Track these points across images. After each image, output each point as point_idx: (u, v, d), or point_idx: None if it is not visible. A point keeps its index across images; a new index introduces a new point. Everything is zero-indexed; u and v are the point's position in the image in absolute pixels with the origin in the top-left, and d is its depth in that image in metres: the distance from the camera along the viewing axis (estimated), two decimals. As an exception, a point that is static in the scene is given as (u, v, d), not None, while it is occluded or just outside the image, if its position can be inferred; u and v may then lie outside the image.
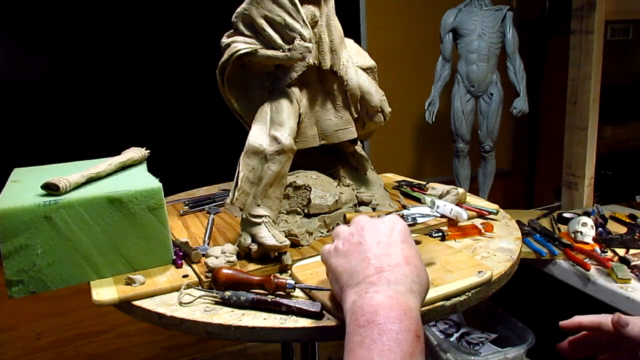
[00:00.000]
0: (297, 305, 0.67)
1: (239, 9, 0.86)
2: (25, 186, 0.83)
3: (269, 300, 0.69)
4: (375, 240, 0.61)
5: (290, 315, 0.68)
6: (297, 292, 0.73)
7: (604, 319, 0.66)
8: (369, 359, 0.48)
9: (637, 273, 1.45)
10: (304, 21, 0.84)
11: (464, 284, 0.72)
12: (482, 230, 0.95)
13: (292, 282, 0.71)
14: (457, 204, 1.04)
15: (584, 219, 1.65)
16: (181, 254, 0.85)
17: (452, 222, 0.97)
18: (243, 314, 0.69)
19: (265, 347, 2.16)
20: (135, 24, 1.80)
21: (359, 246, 0.61)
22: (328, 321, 0.66)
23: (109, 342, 1.99)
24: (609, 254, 1.56)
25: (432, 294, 0.68)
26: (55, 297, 1.83)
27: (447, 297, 0.70)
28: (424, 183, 1.22)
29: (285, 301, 0.68)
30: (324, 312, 0.68)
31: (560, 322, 0.67)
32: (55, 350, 1.91)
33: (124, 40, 1.79)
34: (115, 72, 1.80)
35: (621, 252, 1.56)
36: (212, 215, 1.09)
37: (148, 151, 1.04)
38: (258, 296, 0.70)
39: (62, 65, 1.73)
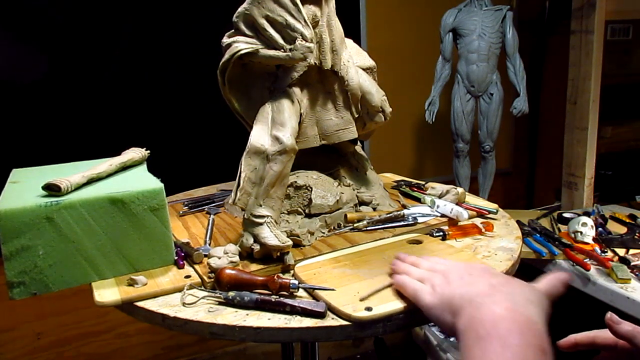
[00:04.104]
0: (301, 305, 0.67)
1: (240, 9, 0.86)
2: (26, 187, 0.83)
3: (273, 300, 0.69)
4: (466, 271, 0.61)
5: (294, 315, 0.68)
6: (301, 292, 0.73)
7: (598, 333, 0.66)
8: None
9: (637, 273, 1.45)
10: (305, 21, 0.84)
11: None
12: (483, 230, 0.95)
13: (296, 282, 0.71)
14: (456, 204, 1.04)
15: (584, 219, 1.65)
16: (183, 254, 0.84)
17: (452, 222, 0.97)
18: (247, 314, 0.69)
19: (265, 347, 2.16)
20: (135, 24, 1.79)
21: (459, 280, 0.60)
22: (332, 321, 0.66)
23: (109, 342, 1.98)
24: (609, 254, 1.56)
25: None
26: (56, 297, 1.82)
27: (450, 297, 0.70)
28: (424, 183, 1.23)
29: (289, 301, 0.68)
30: (327, 311, 0.68)
31: (557, 342, 0.68)
32: (55, 350, 1.91)
33: (124, 40, 1.79)
34: (115, 72, 1.80)
35: (621, 252, 1.56)
36: (212, 216, 1.09)
37: (148, 151, 1.04)
38: (262, 296, 0.70)
39: (62, 66, 1.72)
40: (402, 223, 0.96)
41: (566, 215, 1.88)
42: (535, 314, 0.51)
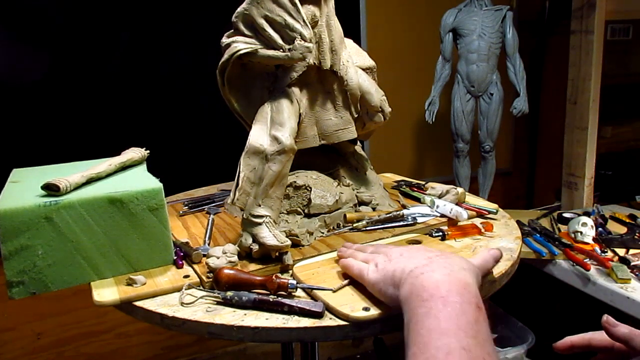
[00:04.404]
0: (299, 305, 0.67)
1: (239, 9, 0.86)
2: (25, 187, 0.83)
3: (271, 300, 0.69)
4: (406, 249, 0.67)
5: (292, 315, 0.68)
6: (299, 292, 0.73)
7: (594, 335, 0.67)
8: (437, 325, 0.49)
9: (637, 273, 1.45)
10: (304, 21, 0.84)
11: None
12: (482, 230, 0.95)
13: (294, 282, 0.71)
14: (456, 204, 1.04)
15: (584, 219, 1.65)
16: (182, 254, 0.84)
17: (452, 222, 0.97)
18: (245, 314, 0.69)
19: (265, 347, 2.16)
20: (135, 24, 1.79)
21: (399, 257, 0.65)
22: (330, 321, 0.66)
23: (109, 342, 1.98)
24: (609, 254, 1.56)
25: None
26: (56, 297, 1.82)
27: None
28: (423, 183, 1.23)
29: (287, 301, 0.68)
30: (325, 311, 0.68)
31: (554, 344, 0.69)
32: (55, 350, 1.91)
33: (123, 40, 1.79)
34: (115, 72, 1.80)
35: (621, 252, 1.56)
36: (211, 216, 1.09)
37: (148, 151, 1.04)
38: (260, 296, 0.70)
39: (62, 66, 1.73)
40: (401, 223, 0.96)
41: (566, 215, 1.88)
42: (470, 278, 0.57)
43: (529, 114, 2.08)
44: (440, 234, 0.93)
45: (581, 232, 1.61)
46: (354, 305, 0.67)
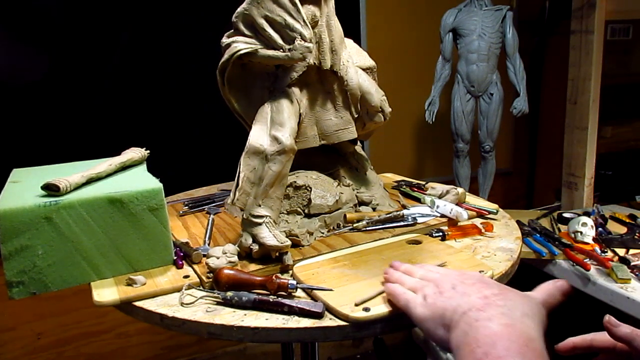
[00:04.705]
0: (299, 306, 0.67)
1: (239, 9, 0.86)
2: (25, 187, 0.83)
3: (271, 300, 0.69)
4: (459, 280, 0.58)
5: (292, 316, 0.68)
6: (299, 293, 0.73)
7: (596, 336, 0.66)
8: None
9: (637, 273, 1.45)
10: (304, 21, 0.84)
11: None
12: (482, 230, 0.95)
13: (294, 282, 0.71)
14: (456, 204, 1.04)
15: (584, 219, 1.65)
16: (182, 254, 0.84)
17: (452, 222, 0.97)
18: (245, 315, 0.69)
19: (265, 347, 2.16)
20: (135, 24, 1.79)
21: (451, 290, 0.57)
22: (330, 321, 0.66)
23: (109, 342, 1.98)
24: (609, 254, 1.56)
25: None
26: (56, 297, 1.82)
27: (448, 298, 0.70)
28: (424, 183, 1.22)
29: (287, 301, 0.68)
30: (325, 311, 0.68)
31: (555, 346, 0.68)
32: (55, 350, 1.91)
33: (123, 40, 1.79)
34: (115, 72, 1.80)
35: (621, 252, 1.55)
36: (211, 216, 1.09)
37: (148, 151, 1.04)
38: (260, 296, 0.70)
39: (62, 66, 1.73)
40: (401, 223, 0.96)
41: (566, 215, 1.88)
42: (533, 329, 0.49)
43: (529, 114, 2.08)
44: (441, 234, 0.93)
45: (581, 232, 1.61)
46: (354, 306, 0.67)
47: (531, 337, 0.47)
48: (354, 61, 1.01)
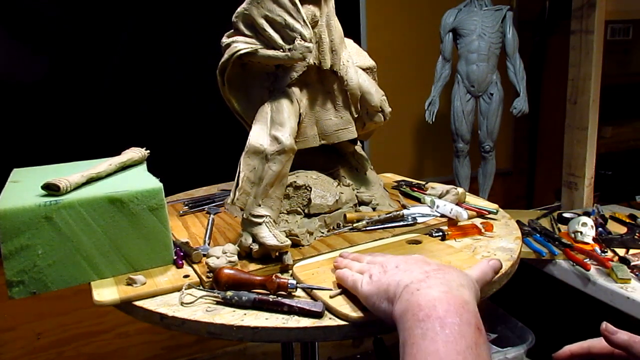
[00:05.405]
0: (299, 305, 0.67)
1: (239, 9, 0.86)
2: (26, 186, 0.83)
3: (271, 300, 0.69)
4: (402, 261, 0.64)
5: (292, 315, 0.68)
6: (299, 292, 0.73)
7: (593, 343, 0.66)
8: (435, 350, 0.47)
9: (637, 273, 1.45)
10: (304, 21, 0.84)
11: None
12: (482, 230, 0.95)
13: (294, 282, 0.71)
14: (456, 204, 1.04)
15: (584, 219, 1.65)
16: (182, 254, 0.84)
17: (452, 222, 0.97)
18: (245, 314, 0.69)
19: (265, 347, 2.16)
20: (135, 24, 1.79)
21: (395, 269, 0.62)
22: (330, 321, 0.66)
23: (109, 342, 1.99)
24: (609, 254, 1.56)
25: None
26: (56, 297, 1.82)
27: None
28: (424, 183, 1.23)
29: (287, 301, 0.68)
30: (325, 311, 0.68)
31: (553, 355, 0.68)
32: (55, 350, 1.91)
33: (123, 40, 1.79)
34: (115, 72, 1.80)
35: (621, 252, 1.56)
36: (212, 216, 1.09)
37: (148, 151, 1.04)
38: (260, 296, 0.70)
39: (62, 66, 1.73)
40: (401, 223, 0.96)
41: (566, 215, 1.88)
42: (468, 296, 0.54)
43: (529, 114, 2.08)
44: (440, 234, 0.93)
45: (581, 232, 1.61)
46: (354, 306, 0.67)
47: (467, 301, 0.53)
48: (354, 61, 1.01)
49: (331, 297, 0.69)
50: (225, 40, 0.88)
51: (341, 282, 0.70)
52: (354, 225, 0.95)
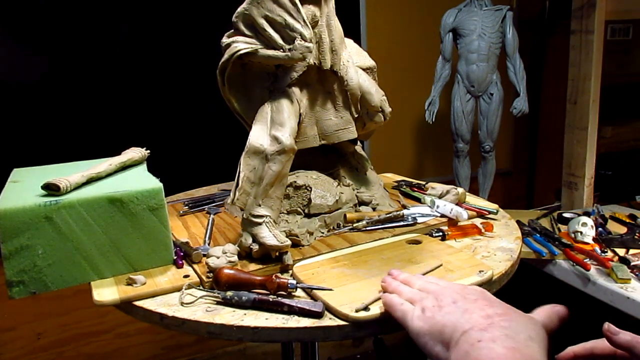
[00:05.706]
0: (298, 305, 0.67)
1: (239, 9, 0.86)
2: (26, 186, 0.83)
3: (271, 300, 0.69)
4: (460, 295, 0.56)
5: (292, 315, 0.68)
6: (299, 292, 0.73)
7: (596, 344, 0.66)
8: None
9: (637, 273, 1.45)
10: (304, 21, 0.84)
11: (465, 284, 0.72)
12: (482, 230, 0.95)
13: (294, 282, 0.71)
14: (456, 204, 1.04)
15: (584, 219, 1.65)
16: (182, 254, 0.84)
17: (452, 222, 0.97)
18: (245, 314, 0.69)
19: (265, 347, 2.16)
20: (135, 24, 1.79)
21: (452, 305, 0.54)
22: (330, 321, 0.66)
23: (109, 342, 1.98)
24: (609, 254, 1.56)
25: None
26: (56, 297, 1.82)
27: (448, 297, 0.70)
28: (424, 183, 1.23)
29: (287, 301, 0.68)
30: (325, 311, 0.68)
31: (556, 356, 0.67)
32: (55, 350, 1.91)
33: (123, 40, 1.79)
34: (115, 72, 1.80)
35: (621, 252, 1.55)
36: (212, 216, 1.09)
37: (148, 151, 1.04)
38: (260, 296, 0.70)
39: (62, 66, 1.73)
40: (401, 223, 0.96)
41: (566, 215, 1.88)
42: (538, 353, 0.46)
43: (529, 114, 2.08)
44: (440, 234, 0.93)
45: (581, 232, 1.61)
46: (354, 305, 0.67)
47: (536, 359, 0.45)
48: (354, 61, 1.01)
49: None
50: (225, 40, 0.88)
51: (388, 309, 0.62)
52: (354, 225, 0.95)
